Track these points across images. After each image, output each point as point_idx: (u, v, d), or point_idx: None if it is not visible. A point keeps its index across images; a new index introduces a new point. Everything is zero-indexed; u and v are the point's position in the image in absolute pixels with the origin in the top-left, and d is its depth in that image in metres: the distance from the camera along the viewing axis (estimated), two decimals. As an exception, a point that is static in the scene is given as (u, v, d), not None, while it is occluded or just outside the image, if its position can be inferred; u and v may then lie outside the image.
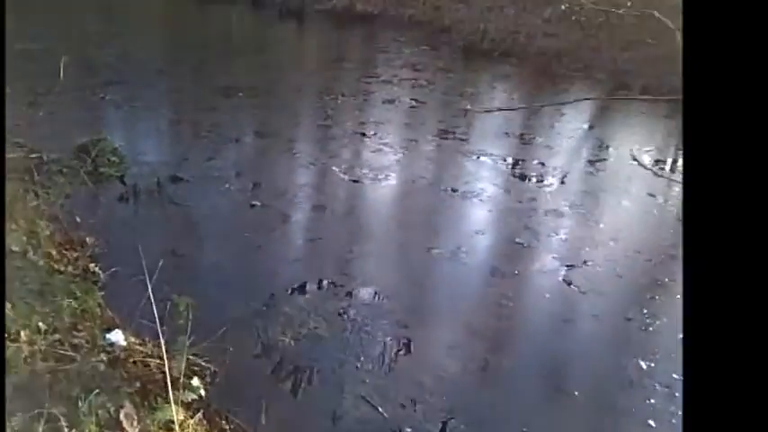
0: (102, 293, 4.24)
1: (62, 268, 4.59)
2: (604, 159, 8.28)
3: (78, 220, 5.54)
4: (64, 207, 5.76)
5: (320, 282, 4.94)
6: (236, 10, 19.53)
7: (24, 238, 4.54)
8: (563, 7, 14.06)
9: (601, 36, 13.64)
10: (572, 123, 9.71)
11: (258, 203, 6.34)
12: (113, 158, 6.93)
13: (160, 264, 3.94)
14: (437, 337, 4.42)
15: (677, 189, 7.33)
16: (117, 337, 3.70)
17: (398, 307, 4.65)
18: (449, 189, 6.90)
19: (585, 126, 9.83)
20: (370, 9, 18.06)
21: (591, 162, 8.27)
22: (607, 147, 8.87)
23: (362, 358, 4.08)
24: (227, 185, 6.72)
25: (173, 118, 8.84)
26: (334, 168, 7.33)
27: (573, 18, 14.01)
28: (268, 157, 7.73)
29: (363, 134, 8.59)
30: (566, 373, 4.22)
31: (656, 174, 7.82)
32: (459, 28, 15.63)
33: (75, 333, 3.60)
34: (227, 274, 5.08)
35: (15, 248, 4.29)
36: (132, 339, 3.77)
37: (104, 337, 3.68)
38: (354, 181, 7.05)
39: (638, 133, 9.66)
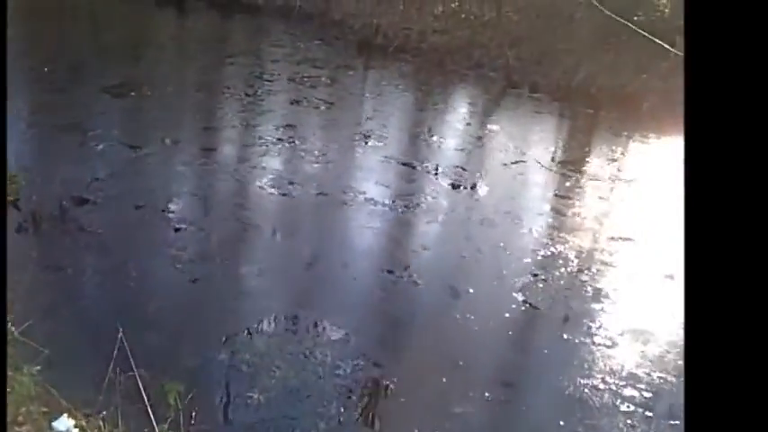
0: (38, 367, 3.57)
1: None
2: (517, 162, 8.60)
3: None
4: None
5: (275, 318, 4.62)
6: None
7: None
8: (453, 5, 14.39)
9: (489, 33, 14.14)
10: (476, 124, 9.99)
11: (183, 226, 5.80)
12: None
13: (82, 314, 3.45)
14: (418, 377, 4.21)
15: (588, 189, 7.82)
16: (65, 424, 3.10)
17: (367, 344, 4.45)
18: (384, 202, 6.77)
19: (490, 127, 10.16)
20: (256, -1, 17.26)
21: (505, 165, 8.54)
22: (515, 148, 9.22)
23: (343, 410, 3.84)
24: (142, 205, 6.07)
25: (61, 125, 7.80)
26: (259, 182, 6.90)
27: (462, 16, 14.40)
28: (181, 168, 7.10)
29: (280, 140, 8.19)
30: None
31: (565, 175, 8.28)
32: (351, 22, 15.42)
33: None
34: (168, 318, 4.58)
35: None
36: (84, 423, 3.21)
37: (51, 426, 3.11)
38: (283, 195, 6.69)
39: (539, 133, 10.16)
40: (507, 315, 4.98)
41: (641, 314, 5.16)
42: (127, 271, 5.02)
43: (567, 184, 7.97)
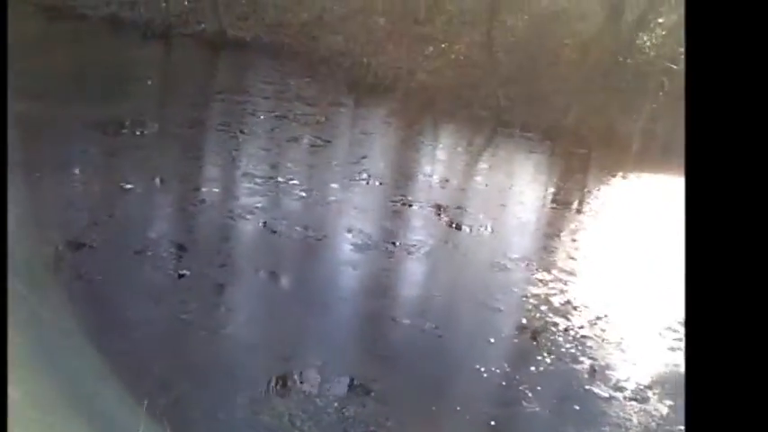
0: None
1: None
2: (519, 203, 8.54)
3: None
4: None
5: (292, 374, 4.35)
6: (91, 30, 17.59)
7: None
8: (443, 45, 14.55)
9: (478, 73, 14.30)
10: (473, 162, 9.96)
11: (187, 272, 5.52)
12: (-11, 222, 5.64)
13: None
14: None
15: (595, 227, 7.78)
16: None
17: (399, 408, 4.16)
18: (389, 243, 6.59)
19: (486, 166, 10.13)
20: (242, 35, 17.21)
21: (504, 206, 8.46)
22: (512, 187, 9.18)
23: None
24: (142, 249, 5.78)
25: (51, 162, 7.49)
26: (260, 223, 6.67)
27: (452, 56, 14.55)
28: (180, 210, 6.84)
29: (278, 180, 7.99)
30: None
31: (566, 214, 8.24)
32: (339, 60, 15.47)
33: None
34: (178, 374, 4.27)
35: None
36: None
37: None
38: (282, 237, 6.45)
39: (537, 172, 10.17)
40: (533, 368, 4.79)
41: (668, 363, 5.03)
42: (124, 320, 4.72)
43: (573, 221, 7.93)
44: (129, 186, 7.11)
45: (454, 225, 7.30)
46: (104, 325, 4.62)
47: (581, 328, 5.43)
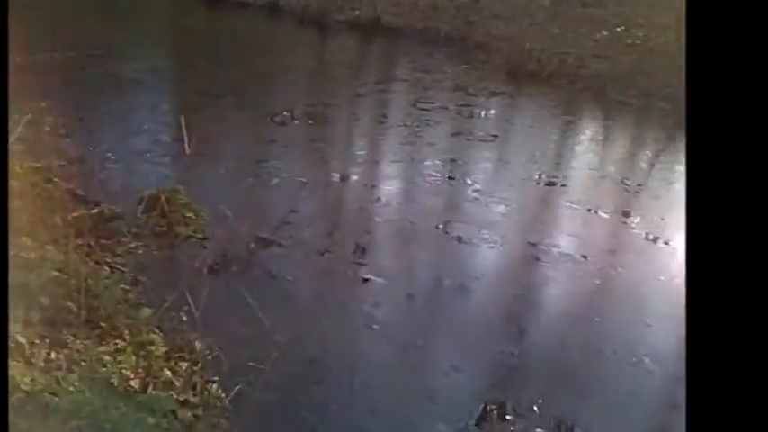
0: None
1: (185, 397, 3.51)
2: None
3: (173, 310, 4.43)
4: (147, 286, 4.68)
5: (503, 405, 3.95)
6: (251, 17, 18.38)
7: (134, 359, 3.44)
8: (618, 29, 13.29)
9: (656, 60, 12.90)
10: (665, 164, 8.89)
11: (371, 276, 5.32)
12: (188, 214, 5.82)
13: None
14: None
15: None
16: None
17: None
18: (577, 256, 5.95)
19: (677, 167, 9.01)
20: (396, 21, 17.02)
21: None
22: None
23: None
24: (325, 250, 5.68)
25: (233, 153, 7.74)
26: (438, 225, 6.33)
27: (628, 41, 13.26)
28: (358, 208, 6.69)
29: (451, 178, 7.61)
30: None
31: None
32: (497, 46, 14.73)
33: None
34: (369, 391, 4.05)
35: (133, 384, 3.19)
36: None
37: None
38: (467, 243, 6.05)
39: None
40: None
41: None
42: (316, 325, 4.59)
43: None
44: (304, 181, 7.12)
45: (651, 237, 6.47)
46: (293, 330, 4.51)
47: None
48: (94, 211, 5.57)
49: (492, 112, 10.73)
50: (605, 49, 13.24)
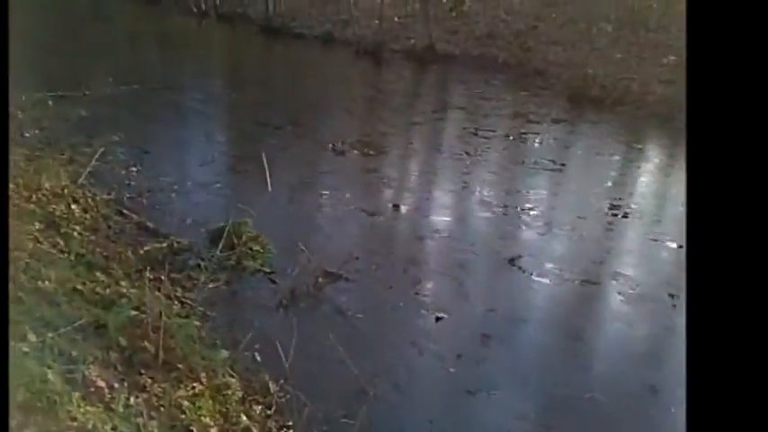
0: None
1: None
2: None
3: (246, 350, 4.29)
4: (216, 323, 4.59)
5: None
6: (307, 48, 18.73)
7: (211, 404, 3.30)
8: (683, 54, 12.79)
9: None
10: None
11: (443, 315, 5.08)
12: (256, 247, 5.75)
13: None
14: None
15: None
16: None
17: None
18: (666, 295, 5.54)
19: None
20: (451, 49, 16.99)
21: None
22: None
23: None
24: (393, 286, 5.48)
25: (294, 183, 7.69)
26: (506, 259, 6.06)
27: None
28: (427, 243, 6.48)
29: (516, 209, 7.32)
30: None
31: None
32: (556, 72, 14.45)
33: None
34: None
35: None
36: None
37: None
38: (542, 279, 5.75)
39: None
40: None
41: None
42: (391, 370, 4.36)
43: None
44: (368, 211, 6.99)
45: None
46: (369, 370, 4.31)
47: None
48: (164, 244, 5.56)
49: (555, 139, 10.39)
50: (671, 73, 12.75)
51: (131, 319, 3.47)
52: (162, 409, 3.04)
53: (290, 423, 3.69)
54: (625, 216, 7.21)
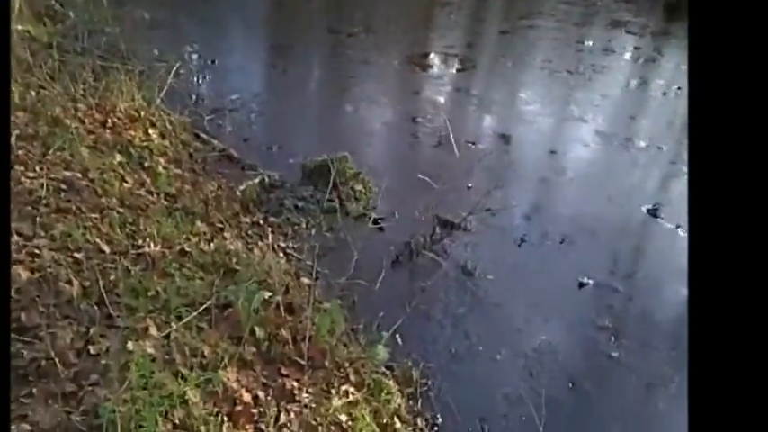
0: None
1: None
2: None
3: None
4: (329, 282, 3.92)
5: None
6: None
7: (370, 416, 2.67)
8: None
9: None
10: None
11: (587, 280, 4.34)
12: (358, 187, 4.99)
13: None
14: None
15: None
16: None
17: None
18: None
19: None
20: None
21: None
22: None
23: None
24: (521, 239, 4.72)
25: (381, 105, 6.78)
26: (646, 209, 5.23)
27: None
28: (541, 179, 5.63)
29: (647, 146, 6.36)
30: None
31: None
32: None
33: None
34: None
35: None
36: None
37: None
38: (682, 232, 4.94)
39: None
40: None
41: None
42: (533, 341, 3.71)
43: None
44: (470, 141, 6.12)
45: None
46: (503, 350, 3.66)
47: None
48: (256, 180, 4.82)
49: (659, 55, 9.14)
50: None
51: (265, 301, 2.79)
52: (320, 428, 2.42)
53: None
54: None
